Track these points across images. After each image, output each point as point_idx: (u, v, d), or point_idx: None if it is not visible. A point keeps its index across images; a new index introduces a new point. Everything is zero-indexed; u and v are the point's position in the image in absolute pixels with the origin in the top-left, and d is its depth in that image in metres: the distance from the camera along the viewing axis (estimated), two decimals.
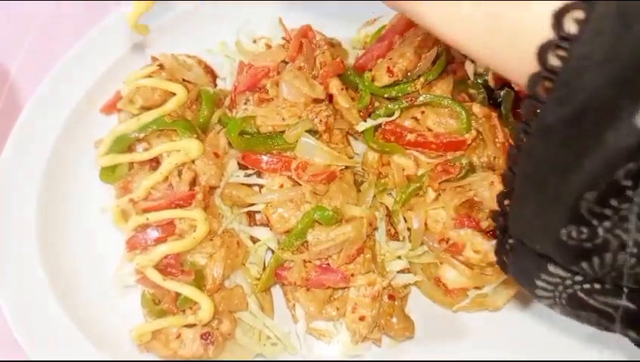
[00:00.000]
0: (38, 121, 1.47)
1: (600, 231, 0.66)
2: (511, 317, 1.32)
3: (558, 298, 0.76)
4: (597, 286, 0.72)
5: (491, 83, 1.36)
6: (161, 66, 1.41)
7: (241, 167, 1.38)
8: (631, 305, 0.71)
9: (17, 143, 1.44)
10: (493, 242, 1.22)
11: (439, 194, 1.28)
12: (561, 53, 0.63)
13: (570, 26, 0.62)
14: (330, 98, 1.37)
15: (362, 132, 1.36)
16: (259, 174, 1.35)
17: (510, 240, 0.78)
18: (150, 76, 1.39)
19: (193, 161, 1.31)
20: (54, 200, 1.42)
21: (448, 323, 1.32)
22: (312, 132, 1.29)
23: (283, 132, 1.31)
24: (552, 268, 0.74)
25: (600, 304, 0.73)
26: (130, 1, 1.47)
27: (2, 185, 1.40)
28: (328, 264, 1.24)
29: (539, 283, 0.76)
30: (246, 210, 1.34)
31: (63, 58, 1.54)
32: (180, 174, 1.31)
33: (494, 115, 1.34)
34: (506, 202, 0.77)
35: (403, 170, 1.32)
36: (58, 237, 1.39)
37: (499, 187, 1.24)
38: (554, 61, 0.64)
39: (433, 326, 1.32)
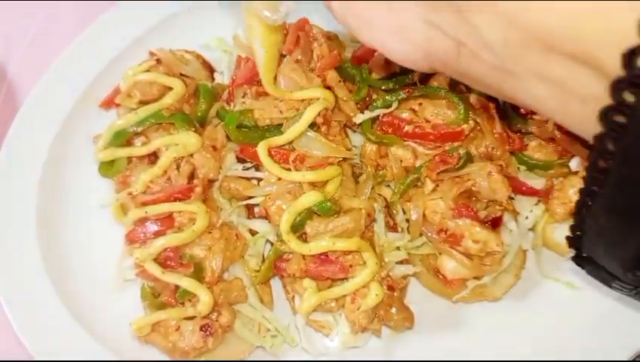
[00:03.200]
0: (37, 117, 1.48)
1: None
2: (510, 307, 1.32)
3: (633, 294, 0.86)
4: None
5: None
6: (158, 61, 1.42)
7: (239, 160, 1.38)
8: None
9: (16, 139, 1.45)
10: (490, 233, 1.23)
11: (437, 185, 1.28)
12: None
13: None
14: None
15: (360, 124, 1.36)
16: (257, 167, 1.36)
17: (584, 254, 0.87)
18: (148, 71, 1.40)
19: (191, 155, 1.32)
20: (54, 195, 1.43)
21: (448, 314, 1.32)
22: (310, 124, 1.29)
23: (281, 125, 1.32)
24: (619, 283, 0.84)
25: None
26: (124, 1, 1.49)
27: (2, 179, 1.41)
28: (327, 255, 1.24)
29: (614, 285, 0.86)
30: (245, 202, 1.34)
31: (61, 55, 1.55)
32: (178, 168, 1.31)
33: (492, 105, 1.34)
34: (578, 232, 0.85)
35: (401, 161, 1.32)
36: (58, 231, 1.40)
37: (496, 177, 1.25)
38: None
39: (433, 317, 1.31)
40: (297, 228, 1.24)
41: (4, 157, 1.44)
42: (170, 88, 1.37)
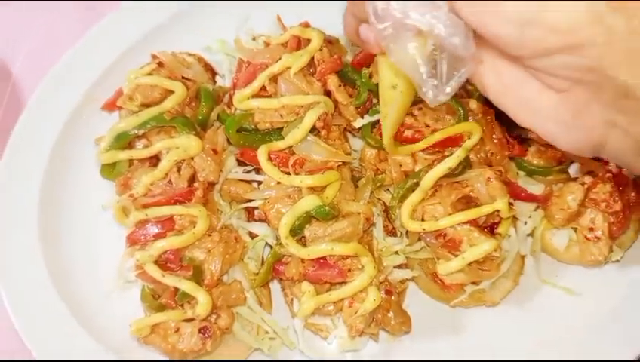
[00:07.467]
0: (40, 118, 1.49)
1: None
2: (508, 312, 1.32)
3: None
4: None
5: None
6: (160, 64, 1.43)
7: (240, 163, 1.39)
8: None
9: (20, 140, 1.47)
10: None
11: (436, 190, 1.28)
12: None
13: None
14: (328, 95, 1.37)
15: (360, 128, 1.37)
16: (257, 170, 1.37)
17: None
18: (150, 74, 1.41)
19: (192, 158, 1.33)
20: (56, 196, 1.44)
21: (446, 319, 1.33)
22: (310, 128, 1.30)
23: (281, 129, 1.32)
24: None
25: None
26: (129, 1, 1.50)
27: (6, 181, 1.42)
28: (325, 259, 1.25)
29: None
30: (244, 205, 1.36)
31: (64, 56, 1.56)
32: (179, 170, 1.32)
33: (492, 111, 1.34)
34: None
35: (400, 166, 1.33)
36: (60, 232, 1.41)
37: (495, 183, 1.25)
38: None
39: (431, 322, 1.32)
40: (296, 232, 1.25)
41: (8, 157, 1.45)
42: (172, 91, 1.37)
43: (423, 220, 1.28)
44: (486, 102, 1.35)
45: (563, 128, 0.89)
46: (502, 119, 1.34)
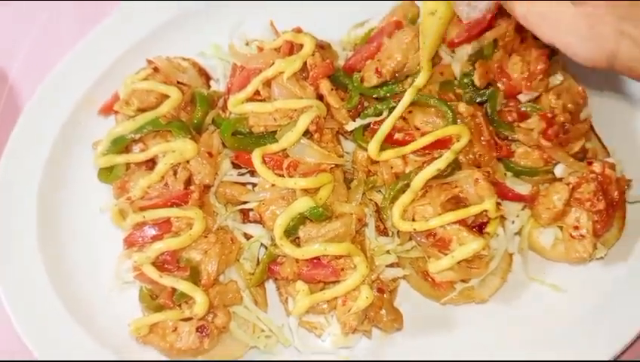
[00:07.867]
0: (38, 123, 1.52)
1: None
2: (497, 308, 1.36)
3: None
4: None
5: (477, 82, 1.40)
6: (155, 69, 1.46)
7: (235, 166, 1.42)
8: None
9: (18, 144, 1.49)
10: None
11: (426, 191, 1.32)
12: None
13: None
14: (320, 98, 1.41)
15: (352, 131, 1.40)
16: (252, 173, 1.40)
17: None
18: (146, 79, 1.44)
19: (188, 161, 1.36)
20: (54, 198, 1.47)
21: (436, 316, 1.37)
22: (304, 132, 1.33)
23: (275, 132, 1.35)
24: None
25: None
26: (125, 1, 1.52)
27: (4, 185, 1.45)
28: (319, 259, 1.28)
29: None
30: (239, 207, 1.39)
31: (60, 61, 1.58)
32: (175, 174, 1.35)
33: (480, 113, 1.38)
34: None
35: (391, 167, 1.36)
36: (59, 235, 1.44)
37: (483, 184, 1.29)
38: None
39: (422, 319, 1.36)
40: (290, 233, 1.28)
41: (6, 161, 1.48)
42: (167, 96, 1.40)
43: (413, 220, 1.31)
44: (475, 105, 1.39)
45: (580, 40, 1.00)
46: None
